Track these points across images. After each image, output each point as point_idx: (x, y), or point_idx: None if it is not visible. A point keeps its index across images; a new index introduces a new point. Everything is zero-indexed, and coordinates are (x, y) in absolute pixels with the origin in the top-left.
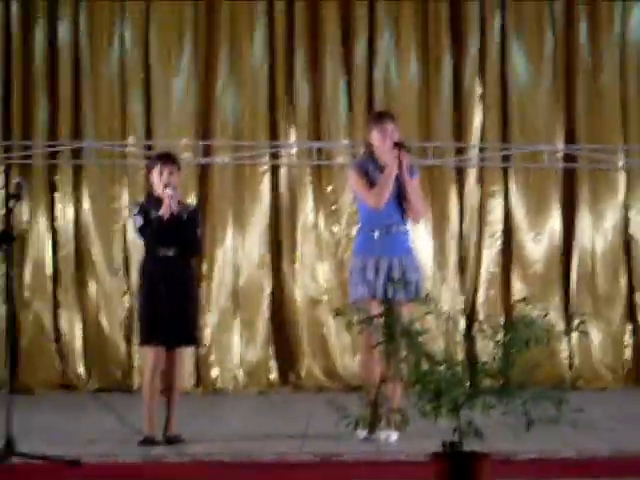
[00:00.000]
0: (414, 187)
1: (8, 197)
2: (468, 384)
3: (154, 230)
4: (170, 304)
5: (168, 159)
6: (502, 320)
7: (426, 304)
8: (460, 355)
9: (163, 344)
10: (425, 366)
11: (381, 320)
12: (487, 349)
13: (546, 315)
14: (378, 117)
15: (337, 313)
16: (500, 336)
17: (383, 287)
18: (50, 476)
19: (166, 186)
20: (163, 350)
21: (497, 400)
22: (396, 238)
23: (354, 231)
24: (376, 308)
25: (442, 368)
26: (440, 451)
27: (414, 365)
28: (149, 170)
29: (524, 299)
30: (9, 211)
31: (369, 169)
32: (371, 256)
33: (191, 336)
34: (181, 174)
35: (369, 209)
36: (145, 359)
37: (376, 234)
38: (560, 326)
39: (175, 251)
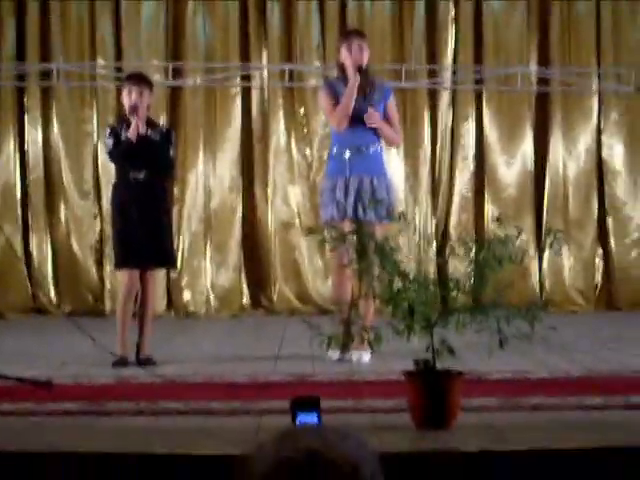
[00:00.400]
0: (391, 111)
1: None
2: (441, 302)
3: (122, 153)
4: (142, 227)
5: (137, 79)
6: (475, 240)
7: (399, 222)
8: (433, 276)
9: (137, 267)
10: (398, 284)
11: (353, 238)
12: (460, 270)
13: (520, 234)
14: (346, 35)
15: (308, 232)
16: (473, 254)
17: (353, 207)
18: (22, 397)
19: (133, 107)
20: (137, 273)
21: (470, 318)
22: (367, 158)
23: (326, 154)
24: (347, 228)
25: (415, 286)
26: (413, 369)
27: (387, 283)
28: (120, 91)
29: (498, 218)
30: None
31: (338, 89)
32: (341, 176)
33: (166, 257)
34: (153, 95)
35: (343, 130)
36: (119, 282)
37: (346, 155)
38: (532, 249)
39: (145, 174)
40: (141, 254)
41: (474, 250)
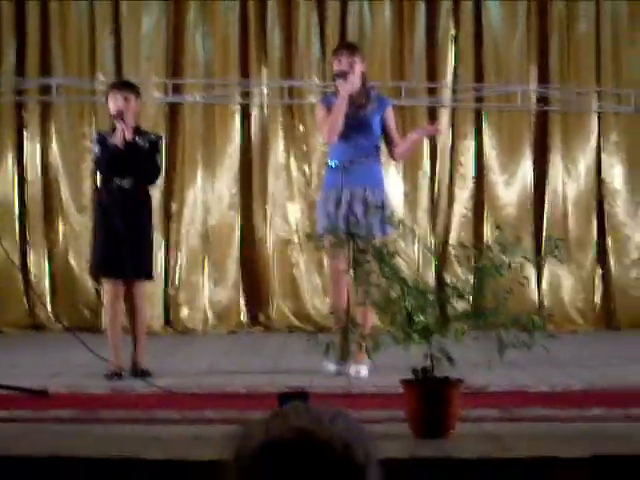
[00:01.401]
0: (390, 120)
1: None
2: (439, 310)
3: (108, 159)
4: (124, 237)
5: (121, 85)
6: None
7: (398, 229)
8: (432, 285)
9: (118, 277)
10: (397, 290)
11: (348, 245)
12: (458, 279)
13: (519, 241)
14: (335, 49)
15: (307, 238)
16: (472, 262)
17: (344, 219)
18: (18, 405)
19: (119, 112)
20: (120, 283)
21: (470, 325)
22: (360, 171)
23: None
24: None
25: (413, 292)
26: (411, 378)
27: (386, 289)
28: (106, 99)
29: (498, 226)
30: None
31: (333, 103)
32: (334, 189)
33: (144, 270)
34: (140, 101)
35: (336, 143)
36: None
37: (340, 167)
38: (531, 269)
39: (131, 182)
40: (119, 265)
41: (473, 258)
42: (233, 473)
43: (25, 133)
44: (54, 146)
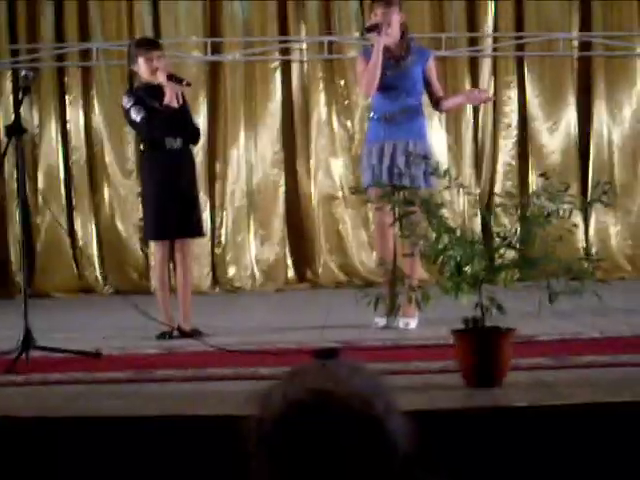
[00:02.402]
0: (432, 73)
1: (17, 90)
2: (488, 259)
3: (163, 121)
4: (179, 197)
5: (152, 43)
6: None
7: (444, 179)
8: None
9: (172, 238)
10: (444, 241)
11: (395, 197)
12: (506, 228)
13: (567, 189)
14: (372, 1)
15: (353, 191)
16: (519, 210)
17: (387, 173)
18: (70, 368)
19: (170, 74)
20: (168, 242)
21: (519, 273)
22: (403, 124)
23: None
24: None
25: (462, 242)
26: (461, 328)
27: (434, 240)
28: (132, 58)
29: (543, 174)
30: (18, 103)
31: None
32: (377, 142)
33: (198, 228)
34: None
35: (377, 96)
36: (152, 253)
37: (382, 120)
38: (578, 215)
39: (180, 142)
40: (176, 225)
41: (520, 206)
42: (254, 438)
43: (67, 99)
44: (96, 111)
